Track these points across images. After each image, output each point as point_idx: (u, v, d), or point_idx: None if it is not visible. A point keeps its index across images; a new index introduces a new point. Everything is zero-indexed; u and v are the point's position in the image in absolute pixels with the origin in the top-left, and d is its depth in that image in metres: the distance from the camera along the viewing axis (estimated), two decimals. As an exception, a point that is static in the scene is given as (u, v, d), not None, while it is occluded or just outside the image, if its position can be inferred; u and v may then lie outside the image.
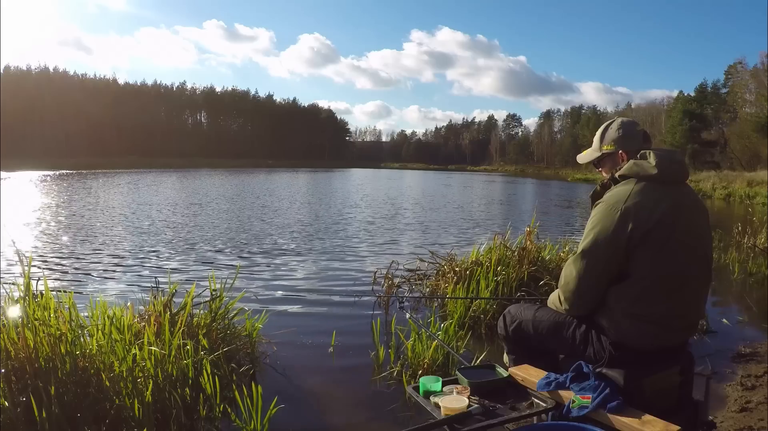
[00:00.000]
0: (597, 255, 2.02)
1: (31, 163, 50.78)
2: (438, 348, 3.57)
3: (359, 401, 3.38)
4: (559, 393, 1.99)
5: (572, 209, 19.54)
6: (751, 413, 3.17)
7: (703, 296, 2.17)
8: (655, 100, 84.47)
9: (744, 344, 4.46)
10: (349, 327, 4.74)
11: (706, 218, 2.16)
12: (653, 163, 2.02)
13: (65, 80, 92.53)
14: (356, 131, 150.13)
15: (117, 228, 11.40)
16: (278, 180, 38.85)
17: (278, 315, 4.98)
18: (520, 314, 2.34)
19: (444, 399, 1.98)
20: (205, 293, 3.91)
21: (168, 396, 2.84)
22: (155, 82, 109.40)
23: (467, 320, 4.56)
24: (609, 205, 2.02)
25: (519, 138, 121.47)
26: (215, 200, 19.74)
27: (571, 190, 35.14)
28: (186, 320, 3.35)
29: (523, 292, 5.00)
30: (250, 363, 3.71)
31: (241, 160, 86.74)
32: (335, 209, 17.26)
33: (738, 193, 27.17)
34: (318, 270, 7.41)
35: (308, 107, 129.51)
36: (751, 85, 52.44)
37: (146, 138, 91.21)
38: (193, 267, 7.45)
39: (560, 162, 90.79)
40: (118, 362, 2.84)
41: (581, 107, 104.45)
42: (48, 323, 2.79)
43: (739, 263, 7.48)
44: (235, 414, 2.90)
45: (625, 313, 1.99)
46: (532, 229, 5.72)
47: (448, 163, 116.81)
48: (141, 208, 16.00)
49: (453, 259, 5.96)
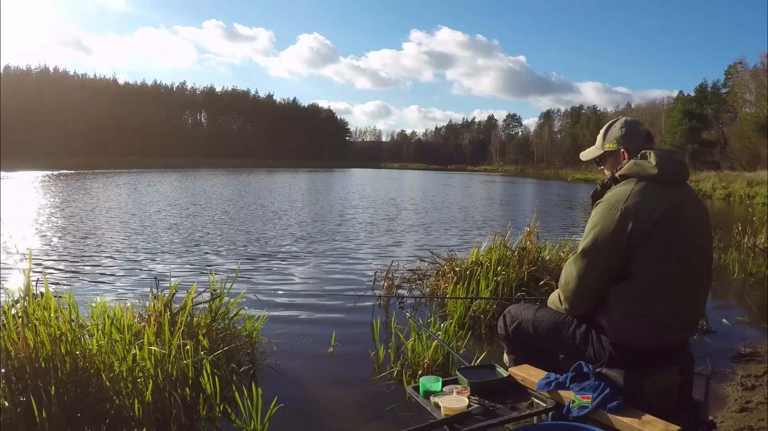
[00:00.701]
0: (597, 255, 2.02)
1: (31, 163, 50.77)
2: (438, 348, 3.57)
3: (359, 401, 3.38)
4: (559, 393, 1.99)
5: (572, 209, 19.54)
6: (751, 413, 3.17)
7: (703, 296, 2.16)
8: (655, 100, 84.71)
9: (744, 344, 4.46)
10: (349, 327, 4.74)
11: (707, 218, 2.16)
12: (653, 162, 2.02)
13: (65, 80, 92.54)
14: (356, 131, 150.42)
15: (117, 228, 11.40)
16: (278, 180, 38.85)
17: (278, 315, 4.98)
18: (520, 314, 2.34)
19: (444, 399, 1.98)
20: (206, 293, 3.91)
21: (168, 396, 2.84)
22: (155, 82, 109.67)
23: (467, 320, 4.56)
24: (609, 205, 2.02)
25: (519, 138, 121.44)
26: (215, 200, 19.74)
27: (571, 190, 35.13)
28: (186, 320, 3.35)
29: (523, 292, 5.00)
30: (250, 363, 3.71)
31: (241, 160, 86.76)
32: (335, 209, 17.26)
33: (738, 193, 27.16)
34: (318, 271, 7.41)
35: (308, 107, 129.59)
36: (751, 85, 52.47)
37: (146, 138, 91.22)
38: (194, 267, 7.44)
39: (560, 162, 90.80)
40: (118, 362, 2.84)
41: (581, 107, 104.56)
42: (48, 323, 2.79)
43: (739, 263, 7.48)
44: (235, 414, 2.91)
45: (625, 313, 1.99)
46: (532, 229, 5.72)
47: (448, 163, 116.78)
48: (141, 208, 16.00)
49: (453, 259, 5.96)
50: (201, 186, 29.14)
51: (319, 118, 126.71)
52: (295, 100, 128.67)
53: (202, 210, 15.86)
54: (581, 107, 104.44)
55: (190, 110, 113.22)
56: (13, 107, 71.06)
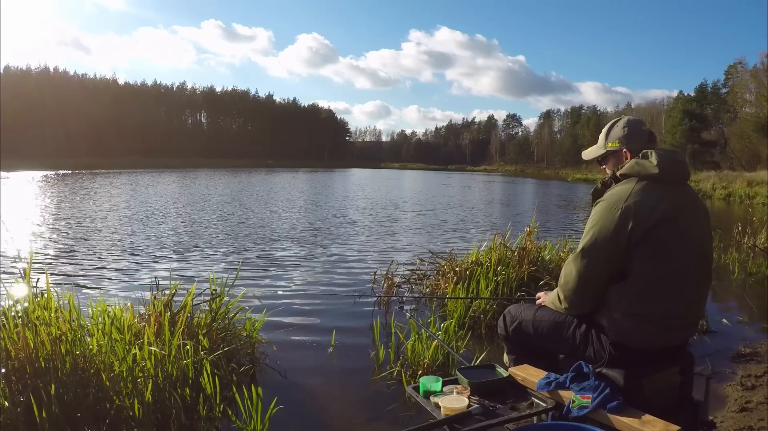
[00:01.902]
0: (597, 254, 2.02)
1: (31, 163, 50.74)
2: (438, 348, 3.57)
3: (359, 401, 3.38)
4: (559, 393, 1.99)
5: (572, 209, 19.53)
6: (751, 413, 3.17)
7: (703, 296, 2.16)
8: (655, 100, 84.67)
9: (744, 344, 4.46)
10: (349, 327, 4.74)
11: (707, 218, 2.16)
12: (654, 162, 2.02)
13: (65, 80, 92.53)
14: (356, 131, 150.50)
15: (117, 228, 11.40)
16: (278, 180, 38.85)
17: (278, 315, 4.98)
18: (520, 314, 2.34)
19: (444, 399, 1.98)
20: (206, 293, 3.91)
21: (168, 396, 2.84)
22: (155, 82, 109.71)
23: (467, 320, 4.56)
24: (609, 204, 2.02)
25: (519, 138, 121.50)
26: (215, 201, 19.74)
27: (571, 190, 35.13)
28: (186, 320, 3.35)
29: (523, 292, 5.00)
30: (250, 363, 3.71)
31: (241, 160, 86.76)
32: (335, 209, 17.25)
33: (738, 193, 27.16)
34: (318, 270, 7.41)
35: (308, 107, 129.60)
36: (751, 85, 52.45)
37: (146, 138, 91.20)
38: (194, 267, 7.44)
39: (560, 162, 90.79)
40: (118, 362, 2.84)
41: (581, 107, 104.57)
42: (48, 323, 2.79)
43: (739, 263, 7.48)
44: (235, 414, 2.90)
45: (625, 313, 1.99)
46: (532, 229, 5.72)
47: (448, 163, 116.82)
48: (141, 208, 16.00)
49: (453, 259, 5.96)
50: (201, 186, 29.14)
51: (319, 118, 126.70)
52: (295, 100, 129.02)
53: (202, 210, 15.86)
54: (581, 107, 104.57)
55: (190, 110, 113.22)
56: (13, 107, 71.05)
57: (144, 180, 33.69)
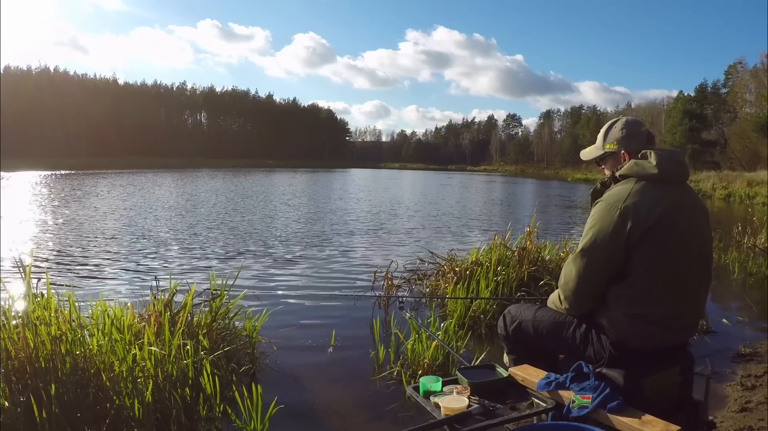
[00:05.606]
0: (596, 254, 2.02)
1: (31, 163, 50.73)
2: (438, 348, 3.57)
3: (359, 401, 3.38)
4: (559, 393, 1.99)
5: (572, 209, 19.53)
6: (751, 413, 3.17)
7: (702, 296, 2.16)
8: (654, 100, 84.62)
9: (744, 344, 4.46)
10: (349, 327, 4.74)
11: (706, 218, 2.16)
12: (654, 162, 2.02)
13: (65, 80, 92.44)
14: (356, 131, 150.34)
15: (117, 228, 11.40)
16: (278, 180, 38.84)
17: (278, 315, 4.97)
18: (520, 314, 2.34)
19: (444, 399, 1.98)
20: (206, 293, 3.91)
21: (168, 396, 2.84)
22: (155, 82, 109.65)
23: (467, 320, 4.56)
24: (609, 204, 2.02)
25: (519, 138, 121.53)
26: (215, 201, 19.73)
27: (571, 190, 35.13)
28: (186, 320, 3.35)
29: (523, 292, 5.00)
30: (250, 363, 3.71)
31: (241, 160, 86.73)
32: (335, 209, 17.25)
33: (738, 193, 27.17)
34: (318, 270, 7.40)
35: (308, 107, 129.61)
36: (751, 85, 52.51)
37: (146, 138, 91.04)
38: (194, 267, 7.44)
39: (560, 162, 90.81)
40: (118, 362, 2.84)
41: (581, 107, 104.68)
42: (48, 323, 2.79)
43: (739, 263, 7.48)
44: (235, 414, 2.90)
45: (625, 313, 1.99)
46: (532, 229, 5.72)
47: (448, 163, 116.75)
48: (141, 208, 15.99)
49: (453, 259, 5.96)
50: (201, 186, 29.14)
51: (319, 118, 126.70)
52: (295, 100, 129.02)
53: (202, 210, 15.86)
54: (581, 107, 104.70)
55: (190, 110, 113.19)
56: (13, 107, 71.03)
57: (144, 180, 33.68)
